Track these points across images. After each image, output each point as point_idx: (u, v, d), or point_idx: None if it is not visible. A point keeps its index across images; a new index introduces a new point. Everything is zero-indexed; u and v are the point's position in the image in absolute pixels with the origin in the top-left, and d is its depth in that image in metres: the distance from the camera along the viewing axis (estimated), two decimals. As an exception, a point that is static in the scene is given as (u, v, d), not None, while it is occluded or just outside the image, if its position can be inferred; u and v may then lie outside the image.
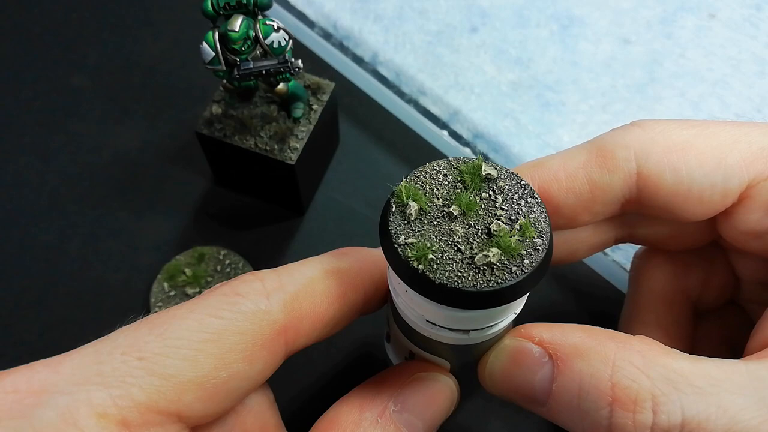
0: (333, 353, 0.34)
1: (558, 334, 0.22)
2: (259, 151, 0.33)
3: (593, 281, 0.36)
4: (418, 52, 0.44)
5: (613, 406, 0.20)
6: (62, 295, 0.36)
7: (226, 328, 0.20)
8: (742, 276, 0.29)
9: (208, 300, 0.21)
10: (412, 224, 0.19)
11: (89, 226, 0.38)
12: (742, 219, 0.24)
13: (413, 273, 0.18)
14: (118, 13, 0.46)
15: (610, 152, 0.24)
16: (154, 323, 0.20)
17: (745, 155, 0.23)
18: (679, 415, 0.19)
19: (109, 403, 0.18)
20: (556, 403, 0.21)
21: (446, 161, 0.21)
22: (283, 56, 0.30)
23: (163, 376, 0.19)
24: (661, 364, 0.20)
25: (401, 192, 0.19)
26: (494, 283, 0.18)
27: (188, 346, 0.19)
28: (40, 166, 0.40)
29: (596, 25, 0.44)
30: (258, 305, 0.21)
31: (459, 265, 0.18)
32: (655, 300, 0.29)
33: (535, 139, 0.40)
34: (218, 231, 0.38)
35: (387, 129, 0.42)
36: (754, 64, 0.42)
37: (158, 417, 0.19)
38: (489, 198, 0.20)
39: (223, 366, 0.20)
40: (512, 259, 0.18)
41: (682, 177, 0.23)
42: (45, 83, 0.43)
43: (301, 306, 0.21)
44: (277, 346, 0.21)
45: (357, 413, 0.22)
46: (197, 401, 0.19)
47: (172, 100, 0.42)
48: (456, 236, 0.19)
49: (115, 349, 0.19)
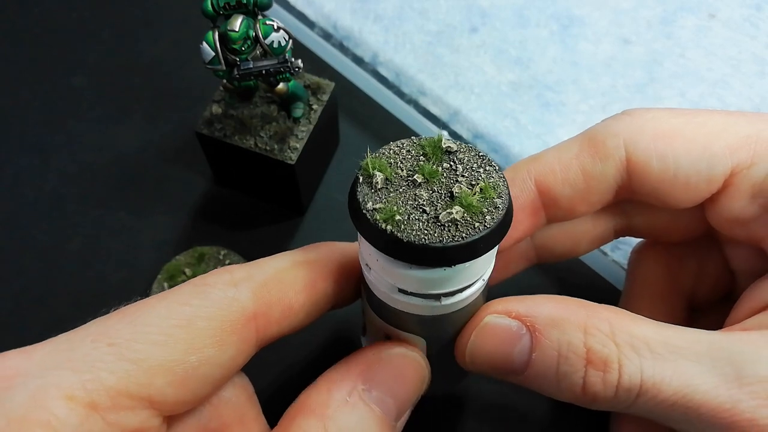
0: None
1: (532, 306, 0.23)
2: (259, 151, 0.33)
3: (593, 281, 0.36)
4: (418, 52, 0.44)
5: (587, 367, 0.21)
6: (62, 295, 0.36)
7: (195, 314, 0.20)
8: (735, 268, 0.29)
9: (178, 290, 0.21)
10: (379, 192, 0.20)
11: (89, 226, 0.38)
12: (727, 206, 0.25)
13: (382, 234, 0.19)
14: (118, 13, 0.46)
15: (601, 142, 0.25)
16: (125, 312, 0.20)
17: (730, 143, 0.24)
18: (638, 377, 0.21)
19: (77, 387, 0.18)
20: (535, 370, 0.22)
21: (409, 140, 0.22)
22: (283, 56, 0.30)
23: (133, 360, 0.19)
24: (627, 330, 0.22)
25: (367, 165, 0.21)
26: (459, 237, 0.19)
27: (158, 331, 0.20)
28: (40, 166, 0.40)
29: (596, 25, 0.44)
30: (226, 293, 0.21)
31: (425, 224, 0.19)
32: (650, 293, 0.30)
33: (535, 140, 0.40)
34: (218, 231, 0.38)
35: (387, 129, 0.42)
36: (754, 64, 0.42)
37: (129, 401, 0.19)
38: (450, 168, 0.21)
39: (194, 351, 0.20)
40: (475, 216, 0.19)
41: (668, 164, 0.24)
42: (45, 83, 0.43)
43: (270, 294, 0.22)
44: (248, 333, 0.21)
45: (326, 395, 0.22)
46: (168, 386, 0.19)
47: (172, 100, 0.42)
48: (421, 200, 0.20)
49: (86, 337, 0.19)
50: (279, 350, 0.23)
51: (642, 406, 0.22)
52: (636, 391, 0.21)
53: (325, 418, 0.21)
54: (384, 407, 0.22)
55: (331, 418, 0.21)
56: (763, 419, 0.20)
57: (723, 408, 0.20)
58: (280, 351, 0.33)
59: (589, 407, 0.23)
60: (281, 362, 0.33)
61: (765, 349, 0.21)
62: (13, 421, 0.17)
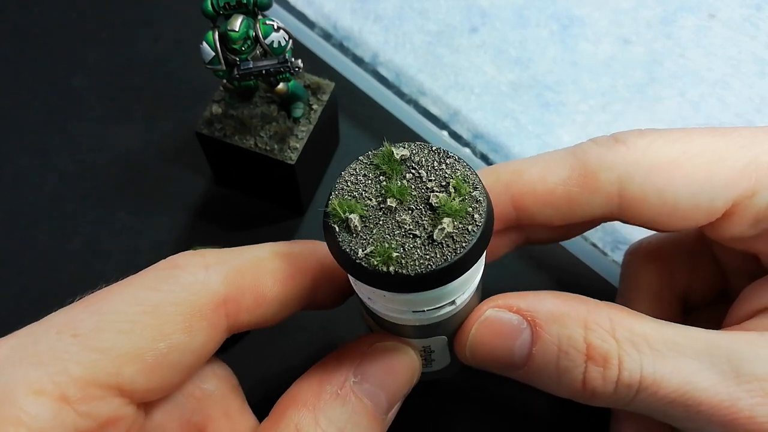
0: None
1: (533, 301, 0.23)
2: (259, 151, 0.33)
3: (593, 282, 0.36)
4: (418, 53, 0.44)
5: (587, 362, 0.21)
6: (62, 295, 0.35)
7: (162, 300, 0.20)
8: (727, 269, 0.29)
9: (145, 275, 0.21)
10: (361, 234, 0.19)
11: (89, 226, 0.38)
12: (728, 231, 0.25)
13: (386, 277, 0.18)
14: (118, 13, 0.46)
15: (593, 173, 0.24)
16: (89, 301, 0.20)
17: (731, 173, 0.23)
18: (638, 373, 0.21)
19: (45, 380, 0.18)
20: (535, 364, 0.22)
21: (357, 162, 0.21)
22: (283, 56, 0.30)
23: (99, 350, 0.19)
24: (627, 327, 0.22)
25: (336, 210, 0.19)
26: (459, 248, 0.19)
27: (124, 319, 0.19)
28: (40, 166, 0.40)
29: (596, 25, 0.44)
30: (196, 276, 0.21)
31: (423, 249, 0.19)
32: (643, 294, 0.30)
33: (535, 140, 0.40)
34: (218, 231, 0.38)
35: (387, 129, 0.42)
36: (754, 64, 0.42)
37: (99, 391, 0.19)
38: (414, 176, 0.20)
39: (162, 337, 0.20)
40: (464, 220, 0.19)
41: (666, 198, 0.24)
42: (45, 83, 0.43)
43: (243, 279, 0.22)
44: (217, 318, 0.21)
45: (317, 387, 0.21)
46: (138, 374, 0.19)
47: (172, 100, 0.42)
48: (406, 225, 0.19)
49: (50, 329, 0.19)
50: (265, 341, 0.23)
51: (641, 403, 0.22)
52: (636, 388, 0.21)
53: (317, 410, 0.21)
54: (375, 400, 0.22)
55: (322, 410, 0.21)
56: (761, 417, 0.20)
57: (722, 405, 0.20)
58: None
59: (588, 403, 0.23)
60: (281, 364, 0.33)
61: (763, 348, 0.21)
62: None
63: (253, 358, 0.22)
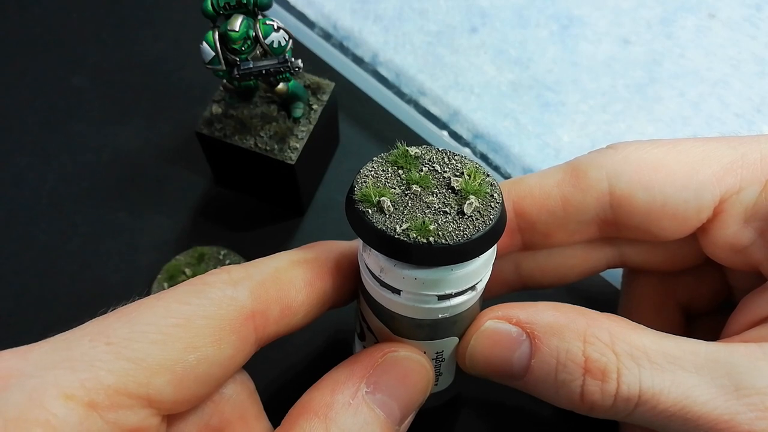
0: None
1: (532, 313, 0.23)
2: (259, 151, 0.34)
3: (593, 282, 0.36)
4: (418, 53, 0.44)
5: (585, 376, 0.22)
6: (62, 295, 0.36)
7: (193, 313, 0.20)
8: (733, 284, 0.29)
9: (176, 289, 0.21)
10: (394, 215, 0.20)
11: (89, 226, 0.38)
12: (721, 234, 0.25)
13: (427, 249, 0.19)
14: (118, 13, 0.46)
15: (583, 172, 0.25)
16: (122, 312, 0.20)
17: (716, 170, 0.24)
18: (636, 387, 0.21)
19: (76, 385, 0.18)
20: (534, 376, 0.23)
21: (372, 162, 0.22)
22: (283, 56, 0.30)
23: (132, 359, 0.19)
24: (626, 340, 0.22)
25: (369, 194, 0.21)
26: (488, 219, 0.20)
27: (156, 330, 0.20)
28: (40, 166, 0.40)
29: (596, 25, 0.44)
30: (224, 292, 0.21)
31: (456, 223, 0.20)
32: (645, 305, 0.30)
33: (535, 139, 0.40)
34: (218, 231, 0.38)
35: (387, 129, 0.42)
36: (754, 64, 0.42)
37: (127, 400, 0.19)
38: (430, 169, 0.22)
39: (192, 349, 0.20)
40: (485, 198, 0.21)
41: (654, 194, 0.24)
42: (45, 83, 0.43)
43: (268, 292, 0.22)
44: (246, 331, 0.21)
45: (329, 396, 0.21)
46: (167, 385, 0.19)
47: (172, 100, 0.42)
48: (435, 205, 0.21)
49: (84, 336, 0.19)
50: (281, 349, 0.23)
51: (640, 416, 0.22)
52: (634, 401, 0.21)
53: (328, 420, 0.21)
54: (387, 410, 0.22)
55: (334, 420, 0.21)
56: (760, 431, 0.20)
57: (721, 419, 0.20)
58: (282, 349, 0.33)
59: (588, 414, 0.23)
60: (284, 361, 0.33)
61: (762, 361, 0.21)
62: (10, 421, 0.17)
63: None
